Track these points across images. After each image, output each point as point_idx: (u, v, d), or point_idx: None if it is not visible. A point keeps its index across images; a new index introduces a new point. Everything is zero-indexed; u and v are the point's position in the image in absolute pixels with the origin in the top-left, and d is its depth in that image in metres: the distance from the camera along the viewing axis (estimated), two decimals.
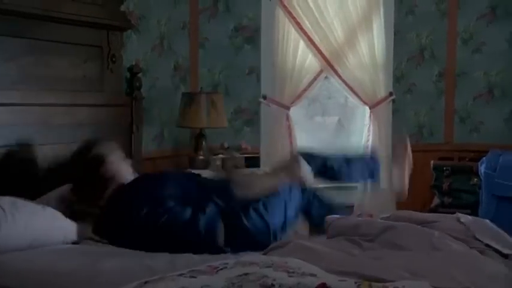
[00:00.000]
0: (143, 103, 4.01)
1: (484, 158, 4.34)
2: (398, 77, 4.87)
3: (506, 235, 2.63)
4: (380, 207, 4.65)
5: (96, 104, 3.66)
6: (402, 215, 2.86)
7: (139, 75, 4.00)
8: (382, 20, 4.69)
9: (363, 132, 4.79)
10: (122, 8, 3.84)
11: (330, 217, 2.79)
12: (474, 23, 4.81)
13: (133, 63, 4.00)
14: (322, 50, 4.58)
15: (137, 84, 3.96)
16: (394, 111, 4.85)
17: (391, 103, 4.82)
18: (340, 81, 4.67)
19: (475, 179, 4.46)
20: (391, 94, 4.80)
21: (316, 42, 4.58)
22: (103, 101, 3.71)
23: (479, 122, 4.86)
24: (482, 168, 4.31)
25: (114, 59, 3.77)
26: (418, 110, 4.92)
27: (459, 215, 2.76)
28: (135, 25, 4.02)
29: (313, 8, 4.56)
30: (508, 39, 4.73)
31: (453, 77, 4.91)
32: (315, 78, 4.65)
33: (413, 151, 4.80)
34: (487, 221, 2.76)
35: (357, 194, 4.74)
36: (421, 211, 4.41)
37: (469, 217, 2.74)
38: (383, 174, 4.07)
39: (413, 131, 4.93)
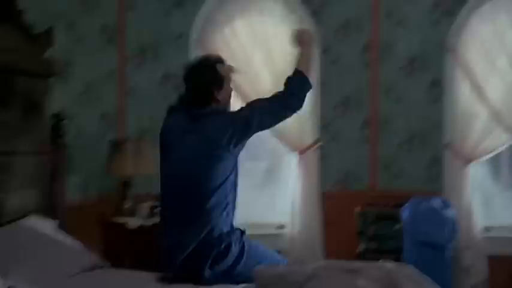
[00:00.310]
0: (68, 151, 3.93)
1: (407, 204, 4.46)
2: (325, 125, 4.97)
3: (428, 281, 2.69)
4: (308, 254, 4.72)
5: (19, 152, 3.57)
6: (332, 263, 2.88)
7: (64, 122, 3.93)
8: None
9: (290, 179, 4.85)
10: (46, 54, 3.80)
11: (258, 268, 2.79)
12: (395, 74, 4.98)
13: (58, 110, 3.94)
14: (251, 95, 4.65)
15: (62, 131, 3.89)
16: (321, 158, 4.93)
17: (318, 150, 4.90)
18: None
19: (398, 225, 4.56)
20: (317, 141, 4.89)
21: (245, 91, 4.64)
22: (26, 149, 3.63)
23: (402, 169, 4.99)
24: (404, 215, 4.42)
25: (37, 106, 3.70)
26: (344, 157, 5.02)
27: (383, 261, 2.81)
28: (60, 72, 3.97)
29: (241, 57, 4.64)
30: (426, 89, 4.92)
31: (377, 125, 5.04)
32: None
33: (339, 198, 4.93)
34: (410, 267, 2.82)
35: (286, 239, 4.77)
36: (347, 257, 4.52)
37: (393, 264, 2.79)
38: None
39: (339, 178, 5.01)
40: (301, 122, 4.79)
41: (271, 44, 4.74)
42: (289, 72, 3.35)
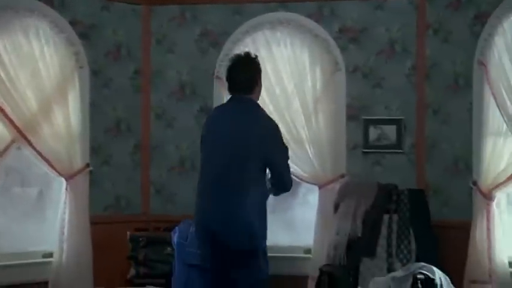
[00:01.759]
0: None
1: (177, 227, 4.51)
2: (95, 148, 4.88)
3: None
4: (77, 282, 4.56)
5: None
6: None
7: None
8: (78, 91, 4.72)
9: (59, 204, 4.67)
10: None
11: None
12: (166, 99, 5.06)
13: None
14: (13, 119, 4.41)
15: None
16: (91, 183, 4.82)
17: (88, 174, 4.79)
18: (34, 151, 4.52)
19: (169, 249, 4.59)
20: (88, 165, 4.78)
21: (7, 112, 4.40)
22: None
23: (173, 194, 5.05)
24: (175, 238, 4.47)
25: None
26: (115, 181, 4.96)
27: (149, 287, 2.81)
28: None
29: (3, 76, 4.40)
30: (195, 114, 5.04)
31: (148, 150, 5.07)
32: (5, 149, 4.43)
33: (110, 223, 4.85)
34: None
35: (53, 268, 4.57)
36: (118, 283, 4.46)
37: None
38: None
39: (111, 202, 4.94)
40: (69, 146, 4.65)
41: (37, 64, 4.55)
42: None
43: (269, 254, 3.62)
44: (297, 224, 4.95)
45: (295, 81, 4.80)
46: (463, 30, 4.53)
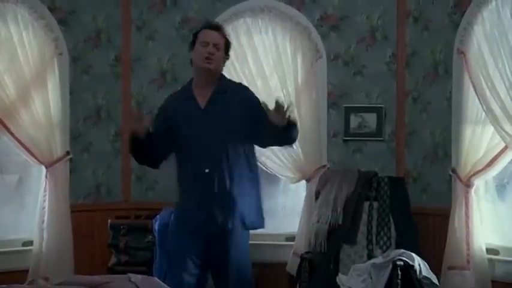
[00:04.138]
0: None
1: (158, 215, 4.52)
2: (76, 136, 4.85)
3: None
4: (57, 270, 4.55)
5: None
6: (75, 279, 2.86)
7: None
8: (57, 78, 4.67)
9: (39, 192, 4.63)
10: None
11: None
12: (147, 86, 5.04)
13: None
14: None
15: None
16: (72, 171, 4.80)
17: (68, 162, 4.76)
18: (13, 139, 4.49)
19: (150, 236, 4.60)
20: (68, 153, 4.75)
21: None
22: None
23: (154, 181, 5.04)
24: (156, 226, 4.47)
25: None
26: (96, 169, 4.94)
27: (130, 274, 2.83)
28: None
29: None
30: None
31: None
32: None
33: (91, 211, 4.84)
34: (156, 279, 2.89)
35: (33, 256, 4.55)
36: (99, 271, 4.45)
37: (139, 276, 2.83)
38: None
39: (91, 190, 4.93)
40: (49, 134, 4.61)
41: (16, 51, 4.49)
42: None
43: (251, 242, 3.66)
44: (278, 212, 4.98)
45: (276, 69, 4.80)
46: (443, 19, 4.56)
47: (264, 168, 3.64)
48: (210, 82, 3.64)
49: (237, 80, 4.10)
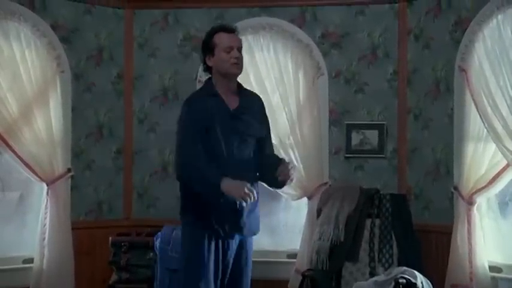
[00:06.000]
0: None
1: (159, 233, 4.50)
2: (77, 153, 4.85)
3: None
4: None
5: None
6: None
7: None
8: (60, 95, 4.68)
9: (40, 209, 4.63)
10: None
11: None
12: (148, 104, 5.05)
13: None
14: None
15: None
16: (73, 188, 4.80)
17: (69, 179, 4.76)
18: (15, 156, 4.49)
19: (151, 254, 4.58)
20: (69, 170, 4.74)
21: None
22: None
23: (155, 198, 5.04)
24: (157, 243, 4.46)
25: None
26: (97, 186, 4.94)
27: None
28: None
29: None
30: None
31: (130, 155, 5.06)
32: None
33: (92, 228, 4.83)
34: None
35: (34, 273, 4.54)
36: None
37: None
38: None
39: (93, 207, 4.92)
40: (51, 151, 4.62)
41: (18, 68, 4.51)
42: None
43: (253, 259, 3.63)
44: (280, 229, 4.96)
45: (278, 86, 4.81)
46: (444, 36, 4.57)
47: (265, 185, 3.54)
48: (233, 85, 3.54)
49: None
